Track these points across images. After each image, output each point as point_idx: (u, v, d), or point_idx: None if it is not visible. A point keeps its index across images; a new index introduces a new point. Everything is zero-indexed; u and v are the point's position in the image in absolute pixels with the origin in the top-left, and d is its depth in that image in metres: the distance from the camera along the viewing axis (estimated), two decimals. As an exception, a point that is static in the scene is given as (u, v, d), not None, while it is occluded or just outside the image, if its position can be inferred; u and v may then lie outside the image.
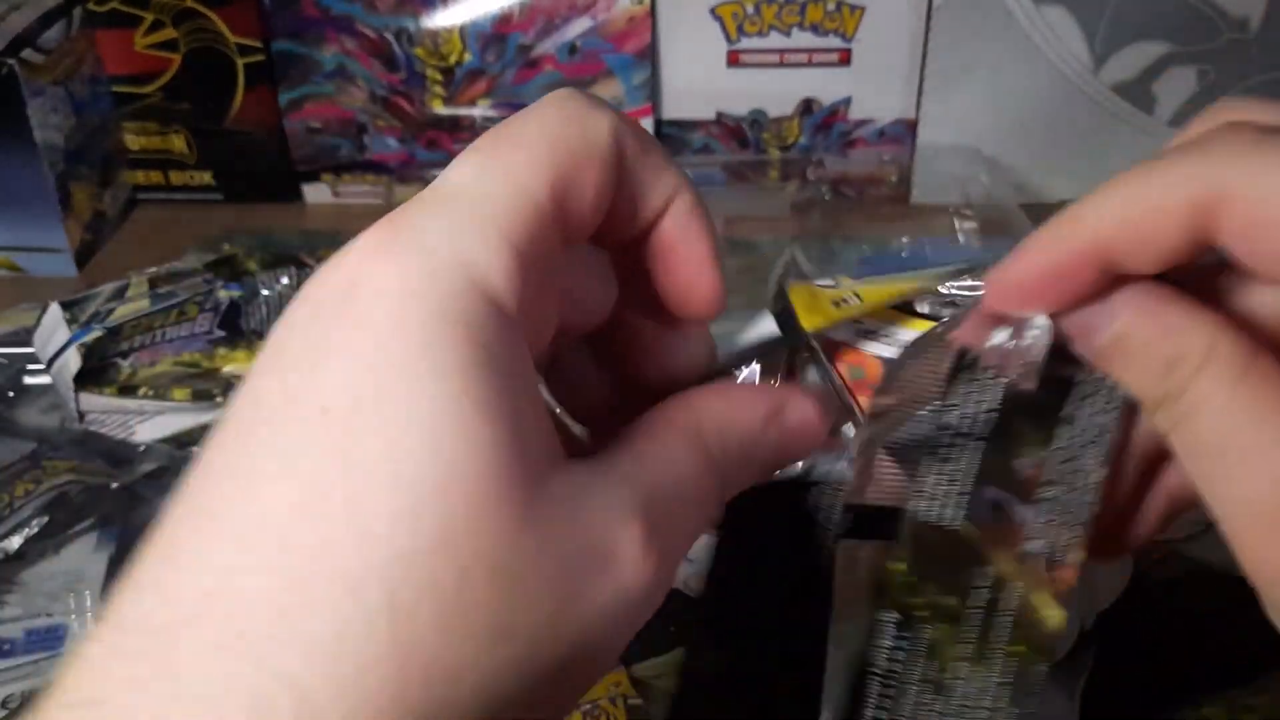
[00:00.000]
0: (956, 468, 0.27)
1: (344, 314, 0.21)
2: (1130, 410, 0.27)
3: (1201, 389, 0.24)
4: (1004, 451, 0.26)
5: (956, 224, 0.85)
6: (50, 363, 0.64)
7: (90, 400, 0.62)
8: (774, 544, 0.37)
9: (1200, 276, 0.26)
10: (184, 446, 0.63)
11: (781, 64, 0.87)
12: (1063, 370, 0.27)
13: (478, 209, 0.22)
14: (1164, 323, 0.25)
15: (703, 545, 0.40)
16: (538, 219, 0.22)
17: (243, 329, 0.68)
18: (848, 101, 0.88)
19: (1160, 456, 0.27)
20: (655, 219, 0.25)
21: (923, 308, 0.36)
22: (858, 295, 0.39)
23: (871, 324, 0.32)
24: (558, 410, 0.27)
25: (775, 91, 0.88)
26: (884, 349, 0.31)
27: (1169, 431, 0.25)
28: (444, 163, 0.98)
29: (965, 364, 0.27)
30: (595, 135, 0.23)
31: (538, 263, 0.22)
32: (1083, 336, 0.26)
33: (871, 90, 0.87)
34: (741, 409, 0.26)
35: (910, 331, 0.31)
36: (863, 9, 0.84)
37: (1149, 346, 0.25)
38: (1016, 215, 0.82)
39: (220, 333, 0.67)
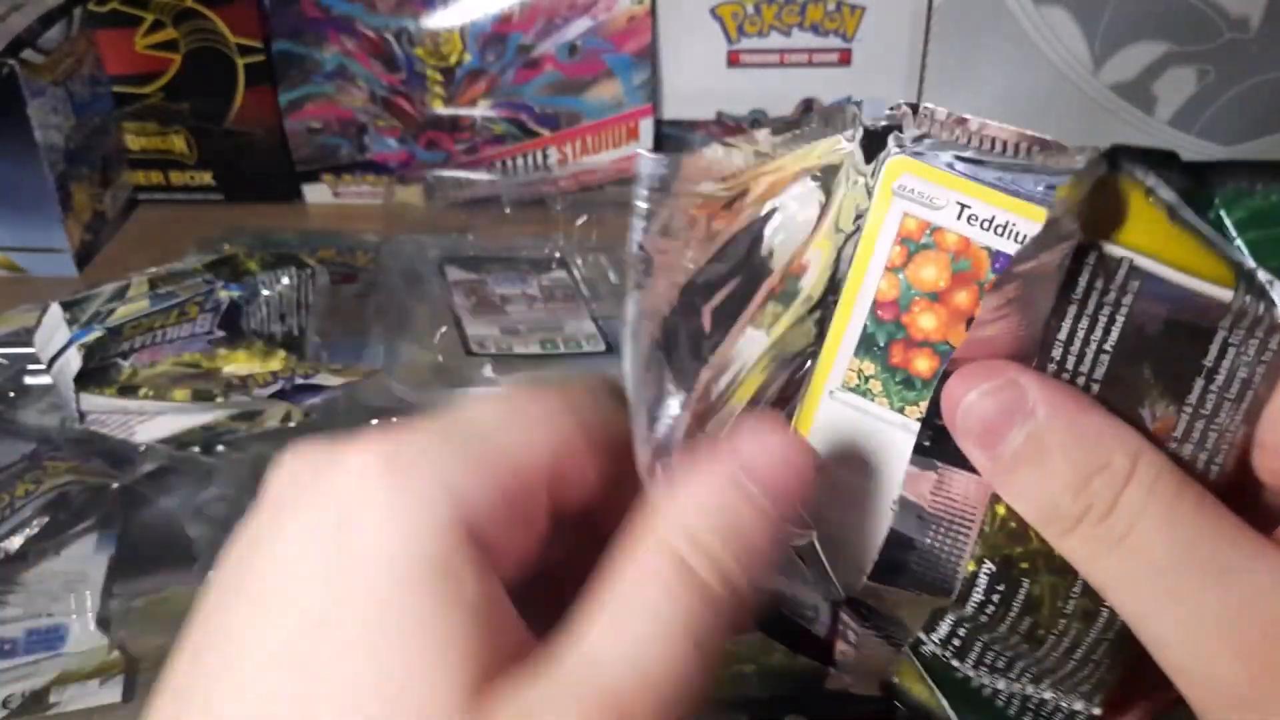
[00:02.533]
0: None
1: (339, 545, 0.21)
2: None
3: (1133, 503, 0.22)
4: (1125, 398, 0.24)
5: (957, 224, 0.85)
6: (51, 363, 0.64)
7: (91, 400, 0.62)
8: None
9: None
10: (184, 447, 0.63)
11: (782, 64, 0.86)
12: (1201, 320, 0.23)
13: (478, 448, 0.22)
14: (1084, 427, 0.23)
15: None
16: (532, 471, 0.23)
17: (243, 329, 0.68)
18: (848, 101, 0.87)
19: None
20: None
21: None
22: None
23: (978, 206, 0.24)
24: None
25: (775, 92, 0.88)
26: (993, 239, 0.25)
27: (1092, 557, 0.23)
28: (444, 163, 0.97)
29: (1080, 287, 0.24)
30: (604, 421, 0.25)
31: (527, 495, 0.23)
32: (984, 435, 0.23)
33: (872, 90, 0.87)
34: (702, 489, 0.23)
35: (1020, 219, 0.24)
36: (863, 9, 0.84)
37: (1066, 451, 0.23)
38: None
39: (220, 333, 0.67)
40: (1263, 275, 0.24)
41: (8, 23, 0.77)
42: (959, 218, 0.24)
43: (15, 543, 0.56)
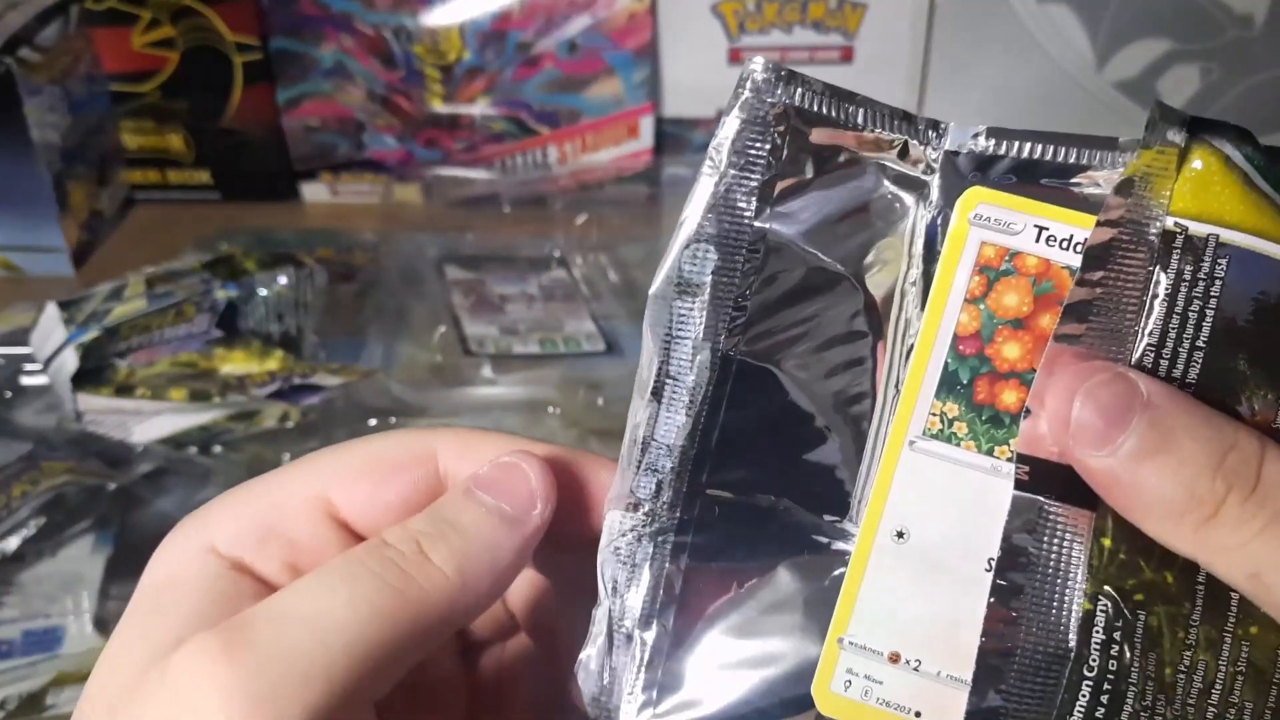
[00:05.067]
0: None
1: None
2: None
3: (1276, 475, 0.21)
4: (1220, 391, 0.23)
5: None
6: (47, 363, 0.64)
7: (87, 400, 0.62)
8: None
9: None
10: (181, 447, 0.63)
11: (783, 61, 0.86)
12: None
13: (237, 494, 0.27)
14: (1202, 409, 0.22)
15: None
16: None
17: (240, 329, 0.68)
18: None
19: None
20: None
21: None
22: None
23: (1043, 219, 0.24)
24: None
25: (776, 89, 0.87)
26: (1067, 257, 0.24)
27: (1241, 542, 0.21)
28: (443, 161, 0.96)
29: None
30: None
31: (283, 516, 0.26)
32: (1104, 432, 0.22)
33: (873, 88, 0.86)
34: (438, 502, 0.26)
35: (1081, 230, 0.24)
36: (865, 6, 0.84)
37: (1193, 433, 0.22)
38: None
39: (218, 333, 0.67)
40: None
41: (4, 21, 0.77)
42: (1038, 240, 0.24)
43: (12, 544, 0.56)
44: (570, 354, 0.73)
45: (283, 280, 0.69)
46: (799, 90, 0.26)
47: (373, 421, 0.66)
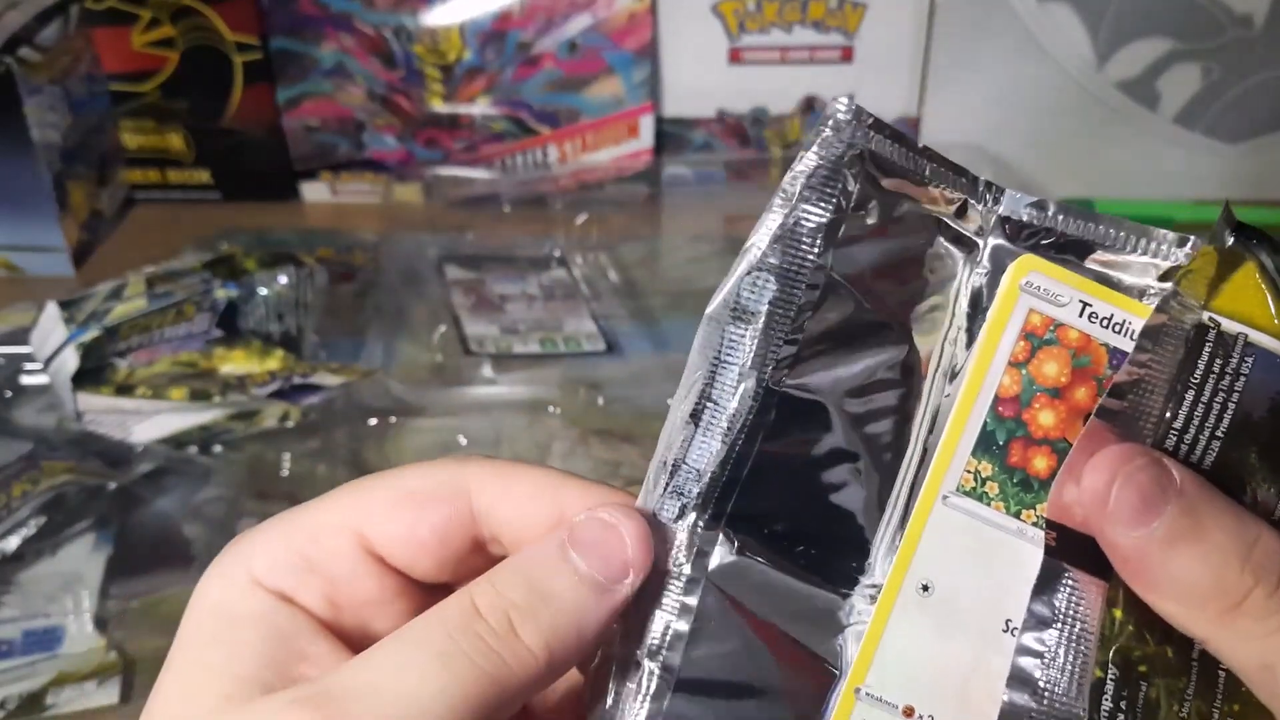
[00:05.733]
0: None
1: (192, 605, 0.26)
2: None
3: None
4: (1229, 479, 0.24)
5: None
6: (48, 363, 0.64)
7: (88, 400, 0.62)
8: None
9: None
10: (181, 447, 0.63)
11: (783, 61, 0.86)
12: None
13: (277, 525, 0.27)
14: (1226, 500, 0.23)
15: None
16: None
17: (241, 328, 0.68)
18: (850, 99, 0.87)
19: None
20: None
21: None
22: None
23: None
24: None
25: (777, 89, 0.87)
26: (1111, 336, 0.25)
27: (1266, 632, 0.22)
28: (443, 161, 0.96)
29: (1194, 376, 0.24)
30: None
31: (324, 550, 0.27)
32: (1140, 513, 0.23)
33: (874, 87, 0.87)
34: (524, 554, 0.25)
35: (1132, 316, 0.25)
36: (865, 6, 0.84)
37: (1221, 523, 0.23)
38: (1019, 213, 0.81)
39: (218, 332, 0.67)
40: None
41: (4, 20, 0.77)
42: (1081, 315, 0.25)
43: (12, 543, 0.56)
44: (570, 354, 0.72)
45: (283, 280, 0.69)
46: (878, 136, 0.26)
47: (373, 421, 0.66)
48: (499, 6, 0.84)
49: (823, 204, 0.26)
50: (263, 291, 0.69)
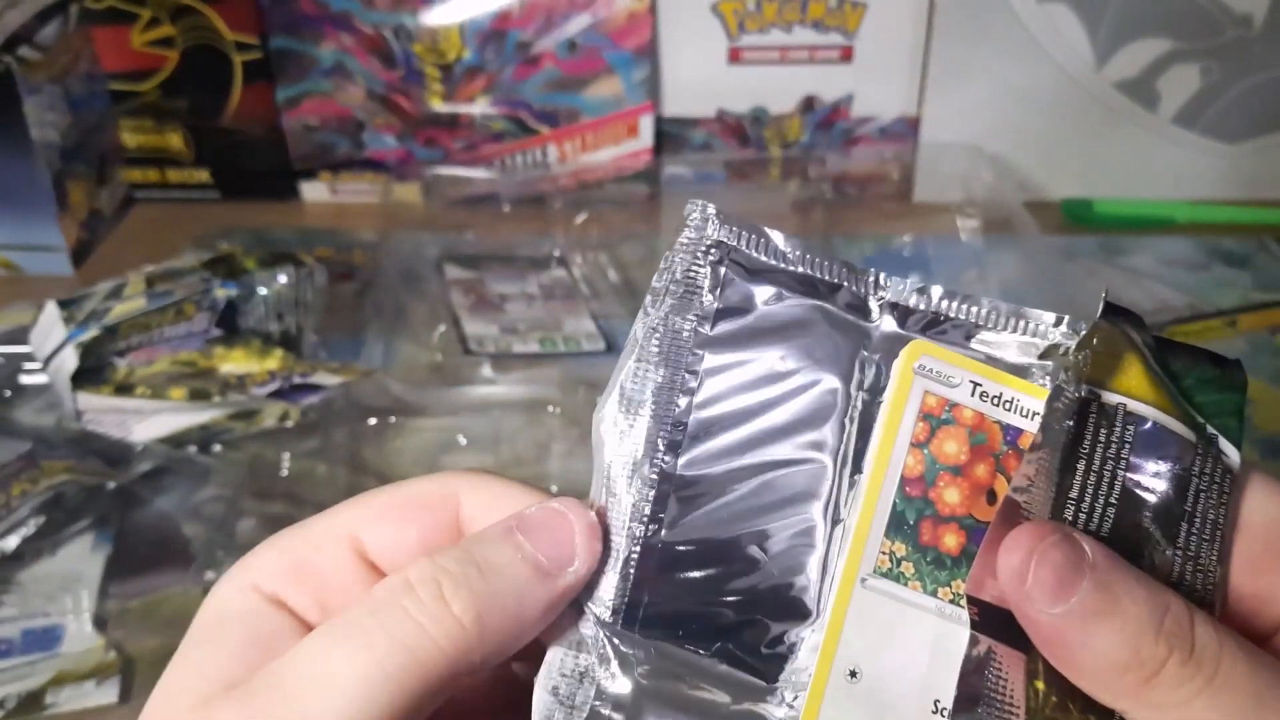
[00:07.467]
0: None
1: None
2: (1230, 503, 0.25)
3: (1209, 639, 0.23)
4: (1127, 546, 0.24)
5: (959, 222, 0.85)
6: (47, 362, 0.64)
7: (87, 399, 0.62)
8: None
9: None
10: (181, 446, 0.63)
11: (783, 61, 0.86)
12: (1179, 464, 0.25)
13: (278, 540, 0.28)
14: (1133, 572, 0.23)
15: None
16: None
17: (240, 328, 0.68)
18: (849, 99, 0.87)
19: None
20: None
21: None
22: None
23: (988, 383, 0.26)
24: None
25: (776, 88, 0.87)
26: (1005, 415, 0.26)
27: (1184, 701, 0.22)
28: (442, 160, 0.96)
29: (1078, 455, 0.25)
30: None
31: (318, 555, 0.27)
32: (1058, 589, 0.23)
33: (873, 87, 0.87)
34: (471, 539, 0.26)
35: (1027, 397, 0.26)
36: (865, 6, 0.84)
37: (1133, 595, 0.23)
38: (1019, 213, 0.81)
39: (217, 331, 0.67)
40: (1210, 428, 0.26)
41: (4, 20, 0.77)
42: (973, 394, 0.26)
43: (11, 542, 0.56)
44: (570, 353, 0.73)
45: (282, 279, 0.69)
46: (742, 231, 0.27)
47: (372, 421, 0.66)
48: (499, 6, 0.84)
49: (691, 295, 0.26)
50: (262, 291, 0.69)
